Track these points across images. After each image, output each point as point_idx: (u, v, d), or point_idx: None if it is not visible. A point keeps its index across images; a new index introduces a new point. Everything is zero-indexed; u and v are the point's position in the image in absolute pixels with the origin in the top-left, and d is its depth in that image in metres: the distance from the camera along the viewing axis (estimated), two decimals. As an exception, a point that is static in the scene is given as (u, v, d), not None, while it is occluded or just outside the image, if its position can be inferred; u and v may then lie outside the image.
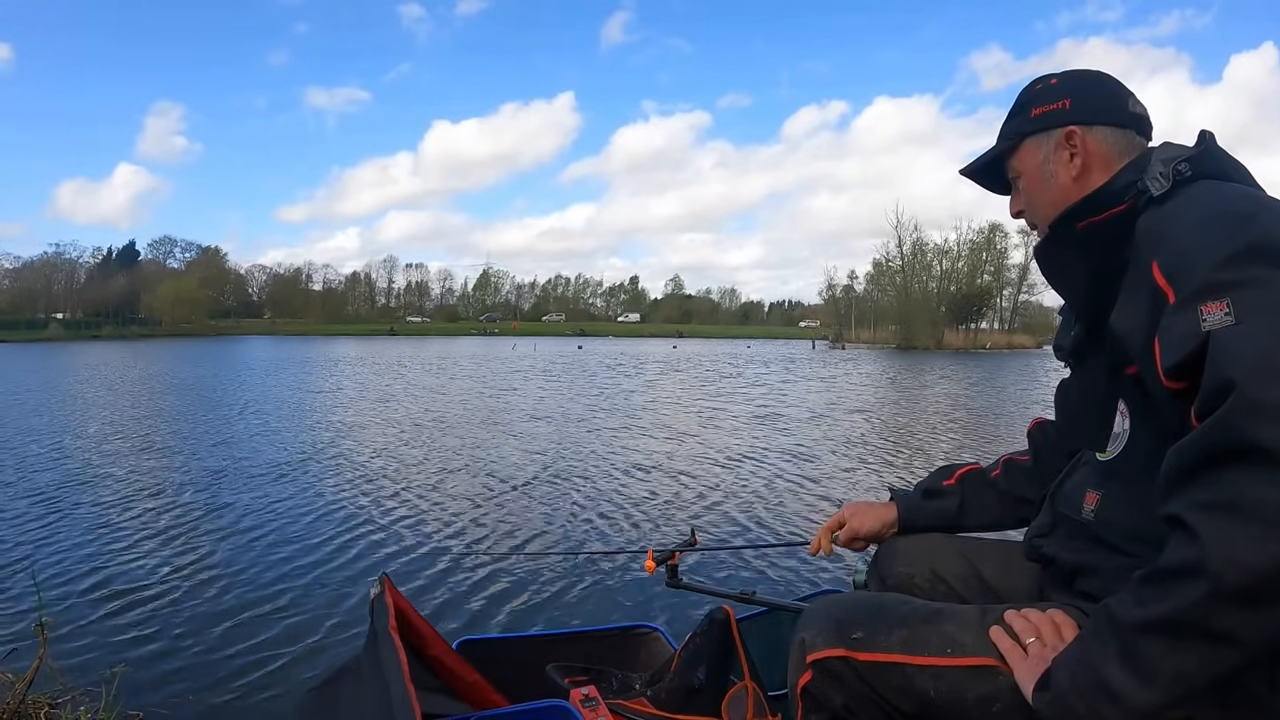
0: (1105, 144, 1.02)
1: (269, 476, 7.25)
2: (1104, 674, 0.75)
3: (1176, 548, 0.72)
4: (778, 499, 6.44)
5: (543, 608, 3.87)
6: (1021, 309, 69.11)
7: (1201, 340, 0.75)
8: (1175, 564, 0.71)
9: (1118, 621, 0.76)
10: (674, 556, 1.73)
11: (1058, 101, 1.05)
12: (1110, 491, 0.99)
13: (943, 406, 15.40)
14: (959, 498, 1.34)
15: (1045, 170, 1.06)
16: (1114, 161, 1.01)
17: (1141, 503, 0.92)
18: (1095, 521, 1.00)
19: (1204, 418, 0.72)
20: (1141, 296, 0.85)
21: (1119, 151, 1.02)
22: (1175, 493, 0.73)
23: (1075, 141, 1.03)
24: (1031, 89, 1.10)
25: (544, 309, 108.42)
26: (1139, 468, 0.93)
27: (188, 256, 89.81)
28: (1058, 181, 1.04)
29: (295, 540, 5.07)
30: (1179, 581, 0.71)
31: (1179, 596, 0.70)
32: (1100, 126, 1.03)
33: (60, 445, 9.03)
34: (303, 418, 11.95)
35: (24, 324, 62.98)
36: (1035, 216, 1.10)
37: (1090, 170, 1.02)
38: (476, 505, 6.16)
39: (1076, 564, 1.01)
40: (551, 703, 1.26)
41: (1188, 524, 0.70)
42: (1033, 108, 1.08)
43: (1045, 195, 1.06)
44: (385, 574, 1.40)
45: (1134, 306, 0.87)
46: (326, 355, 34.18)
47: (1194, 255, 0.80)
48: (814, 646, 1.00)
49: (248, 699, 2.93)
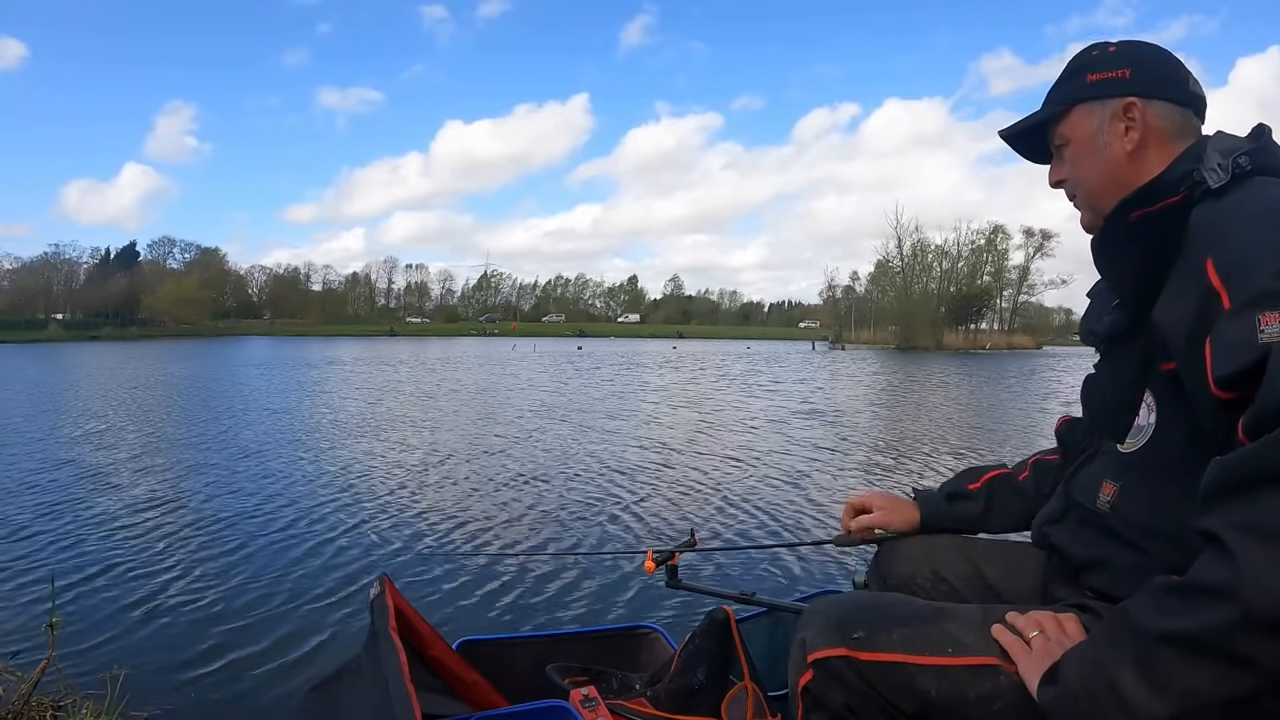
0: (1164, 121, 0.97)
1: (270, 477, 7.24)
2: (1116, 678, 0.74)
3: (1209, 565, 0.70)
4: (777, 499, 6.43)
5: (543, 608, 3.87)
6: (1021, 309, 69.20)
7: (1260, 353, 0.71)
8: (1206, 582, 0.69)
9: (1137, 628, 0.74)
10: (674, 557, 1.73)
11: (1117, 70, 1.00)
12: (1129, 484, 0.97)
13: (943, 406, 15.39)
14: (984, 502, 1.33)
15: (1098, 140, 1.00)
16: (1170, 140, 0.97)
17: (1160, 499, 0.91)
18: (1110, 513, 0.98)
19: (1255, 435, 0.70)
20: (1190, 293, 0.82)
21: (1176, 130, 0.97)
22: (1215, 508, 0.71)
23: (1134, 114, 0.98)
24: (1087, 54, 1.04)
25: (544, 310, 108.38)
26: (1162, 464, 0.92)
27: (187, 257, 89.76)
28: (1111, 153, 0.99)
29: (296, 541, 5.06)
30: (1208, 600, 0.69)
31: (1206, 615, 0.68)
32: (1160, 101, 0.98)
33: (64, 446, 9.02)
34: (303, 418, 11.94)
35: (23, 324, 62.91)
36: (1079, 188, 1.04)
37: (1146, 146, 0.98)
38: (476, 505, 6.16)
39: (1085, 557, 1.00)
40: (551, 703, 1.25)
41: (1225, 543, 0.68)
42: (1089, 73, 1.02)
43: (1095, 166, 1.01)
44: (385, 574, 1.40)
45: (1181, 302, 0.83)
46: (326, 356, 34.14)
47: (1253, 259, 0.77)
48: (815, 646, 1.00)
49: (249, 699, 2.93)
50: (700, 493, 6.69)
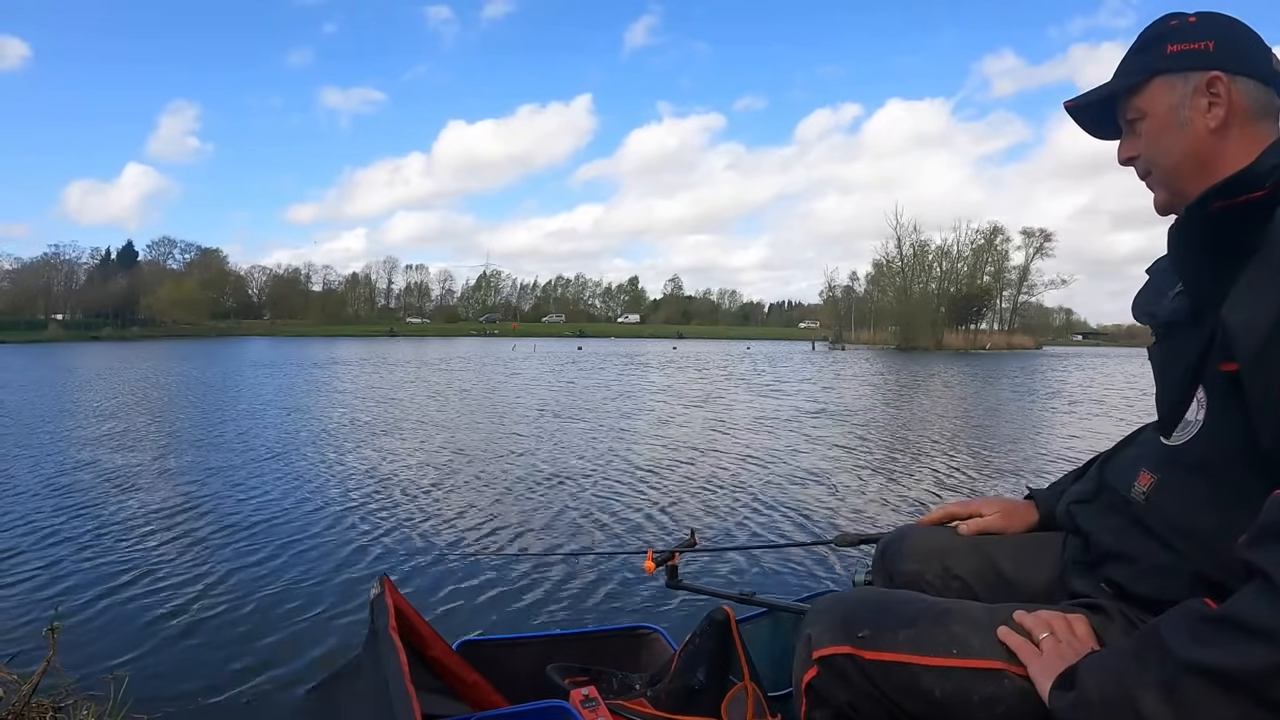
0: (1249, 98, 0.92)
1: (270, 478, 7.24)
2: (1138, 697, 0.73)
3: (1254, 602, 0.68)
4: (777, 499, 6.42)
5: (542, 608, 3.86)
6: (1021, 310, 69.21)
7: None
8: (1248, 619, 0.67)
9: (1168, 651, 0.73)
10: (674, 557, 1.73)
11: (1200, 42, 0.94)
12: (1167, 478, 0.93)
13: (943, 406, 15.38)
14: None
15: (1179, 115, 0.94)
16: (1255, 121, 0.93)
17: (1198, 500, 0.88)
18: (1144, 504, 0.94)
19: None
20: (1268, 294, 0.77)
21: (1261, 109, 0.93)
22: (1268, 543, 0.68)
23: (1219, 89, 0.92)
24: (1165, 24, 0.98)
25: (544, 310, 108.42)
26: (1205, 464, 0.88)
27: (187, 257, 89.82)
28: (1193, 129, 0.94)
29: (296, 541, 5.06)
30: (1247, 638, 0.67)
31: (1242, 654, 0.66)
32: (1245, 78, 0.93)
33: (66, 446, 9.02)
34: (303, 418, 11.93)
35: (23, 325, 62.93)
36: (1155, 165, 0.99)
37: (1230, 125, 0.92)
38: (476, 506, 6.15)
39: (1110, 547, 0.97)
40: (551, 703, 1.25)
41: (1275, 582, 0.66)
42: (1169, 43, 0.96)
43: (1175, 143, 0.95)
44: (385, 575, 1.39)
45: (1257, 303, 0.78)
46: (326, 356, 34.14)
47: None
48: (820, 643, 1.00)
49: (250, 700, 2.93)
50: (700, 493, 6.68)
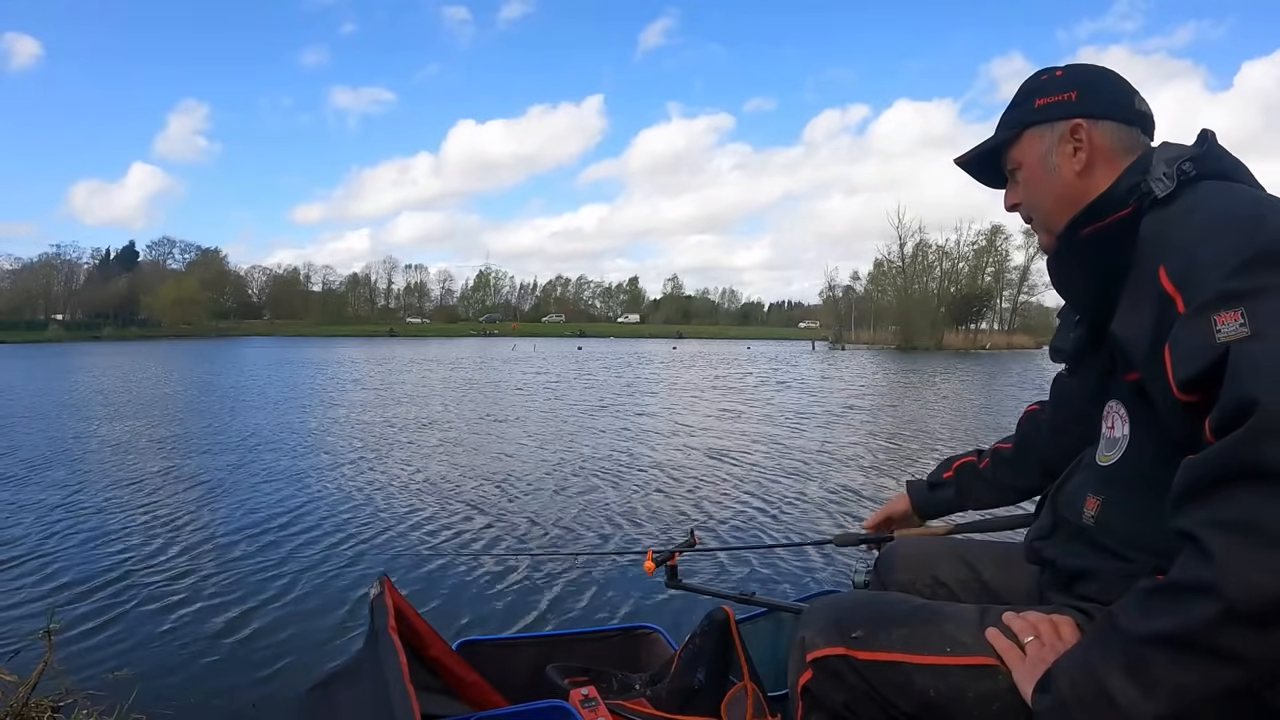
0: (1111, 140, 1.00)
1: (269, 478, 7.25)
2: (1106, 683, 0.75)
3: (1188, 564, 0.71)
4: (777, 500, 6.43)
5: (542, 608, 3.87)
6: (1021, 309, 69.09)
7: (1219, 353, 0.73)
8: (1186, 581, 0.71)
9: (1123, 632, 0.76)
10: (673, 557, 1.73)
11: (1064, 94, 1.02)
12: (1110, 498, 0.98)
13: (943, 406, 15.39)
14: (955, 487, 1.47)
15: (1048, 163, 1.02)
16: (1118, 158, 0.99)
17: (1141, 510, 0.92)
18: (1095, 527, 0.99)
19: (1221, 434, 0.71)
20: (1146, 303, 0.83)
21: (1124, 149, 0.99)
22: (1189, 508, 0.72)
23: (1081, 135, 1.00)
24: (1036, 79, 1.07)
25: (544, 310, 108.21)
26: (1139, 475, 0.93)
27: (187, 257, 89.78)
28: (1060, 175, 1.01)
29: (295, 542, 5.07)
30: (1189, 599, 0.70)
31: (1188, 614, 0.70)
32: (1106, 121, 1.00)
33: (66, 446, 9.03)
34: (303, 418, 11.93)
35: (24, 325, 62.94)
36: (1033, 210, 1.06)
37: (1095, 165, 0.99)
38: (476, 506, 6.16)
39: (1076, 568, 1.01)
40: (551, 703, 1.25)
41: (1201, 541, 0.70)
42: (1037, 98, 1.04)
43: (1046, 188, 1.03)
44: (385, 574, 1.40)
45: (1138, 313, 0.85)
46: (326, 356, 34.15)
47: (1203, 262, 0.78)
48: (814, 645, 1.00)
49: (249, 700, 2.93)
50: (700, 493, 6.69)
